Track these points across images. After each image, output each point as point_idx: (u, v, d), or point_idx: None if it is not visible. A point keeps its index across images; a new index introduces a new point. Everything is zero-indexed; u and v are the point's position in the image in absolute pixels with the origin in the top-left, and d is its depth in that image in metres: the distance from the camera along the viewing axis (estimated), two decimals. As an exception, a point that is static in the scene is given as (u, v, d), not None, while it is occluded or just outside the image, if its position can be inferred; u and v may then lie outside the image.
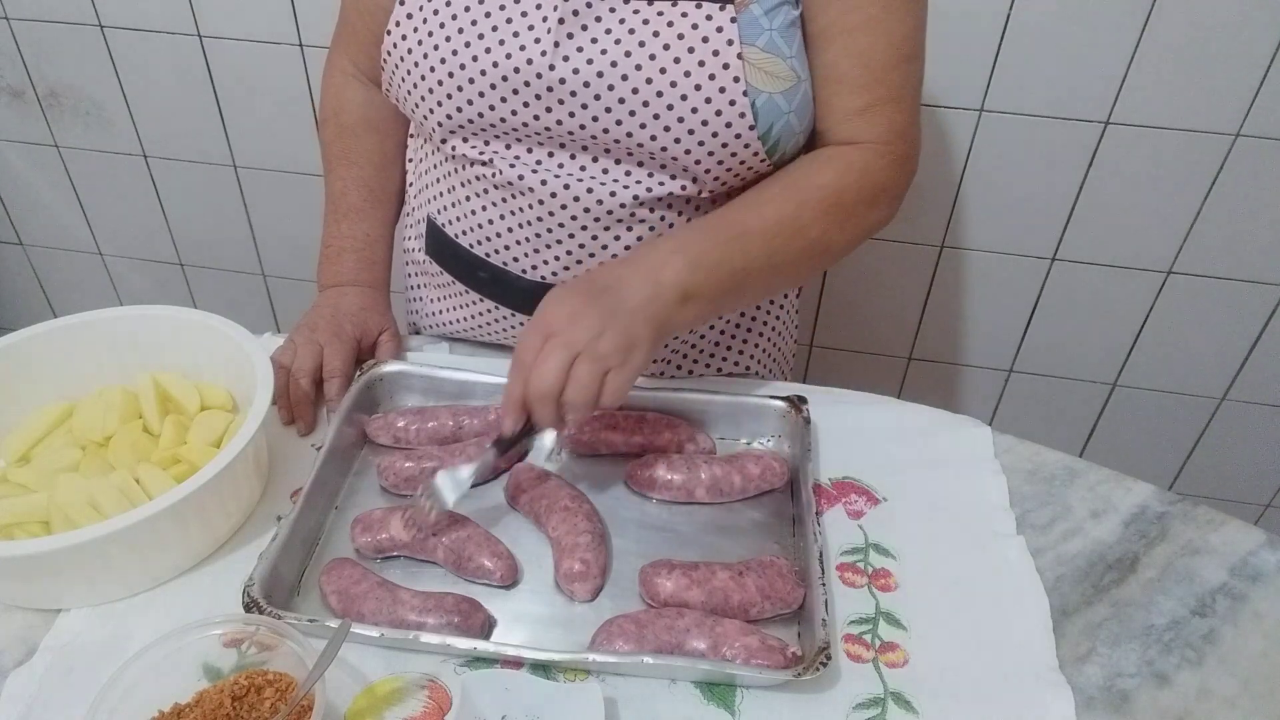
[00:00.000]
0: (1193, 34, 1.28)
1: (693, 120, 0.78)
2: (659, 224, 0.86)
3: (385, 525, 0.77)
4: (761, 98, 0.77)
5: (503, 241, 0.90)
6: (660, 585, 0.73)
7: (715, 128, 0.78)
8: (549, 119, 0.80)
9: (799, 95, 0.80)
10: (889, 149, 0.82)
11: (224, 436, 0.83)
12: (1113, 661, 0.72)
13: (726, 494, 0.82)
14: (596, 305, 0.72)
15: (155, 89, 1.63)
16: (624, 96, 0.78)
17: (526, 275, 0.90)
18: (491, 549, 0.76)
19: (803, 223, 0.80)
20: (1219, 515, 0.83)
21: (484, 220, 0.90)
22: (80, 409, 0.85)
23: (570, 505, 0.78)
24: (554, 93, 0.79)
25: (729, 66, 0.76)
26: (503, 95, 0.80)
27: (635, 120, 0.78)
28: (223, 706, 0.63)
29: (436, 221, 0.96)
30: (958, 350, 1.70)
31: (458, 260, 0.96)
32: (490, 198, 0.88)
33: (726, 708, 0.67)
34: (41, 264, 1.96)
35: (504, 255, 0.90)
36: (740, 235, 0.79)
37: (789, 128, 0.81)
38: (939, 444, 0.90)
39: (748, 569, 0.74)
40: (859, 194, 0.82)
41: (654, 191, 0.83)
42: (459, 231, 0.93)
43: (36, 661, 0.69)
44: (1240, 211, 1.43)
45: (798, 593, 0.74)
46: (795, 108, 0.80)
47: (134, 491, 0.76)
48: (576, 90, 0.78)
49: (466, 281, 0.96)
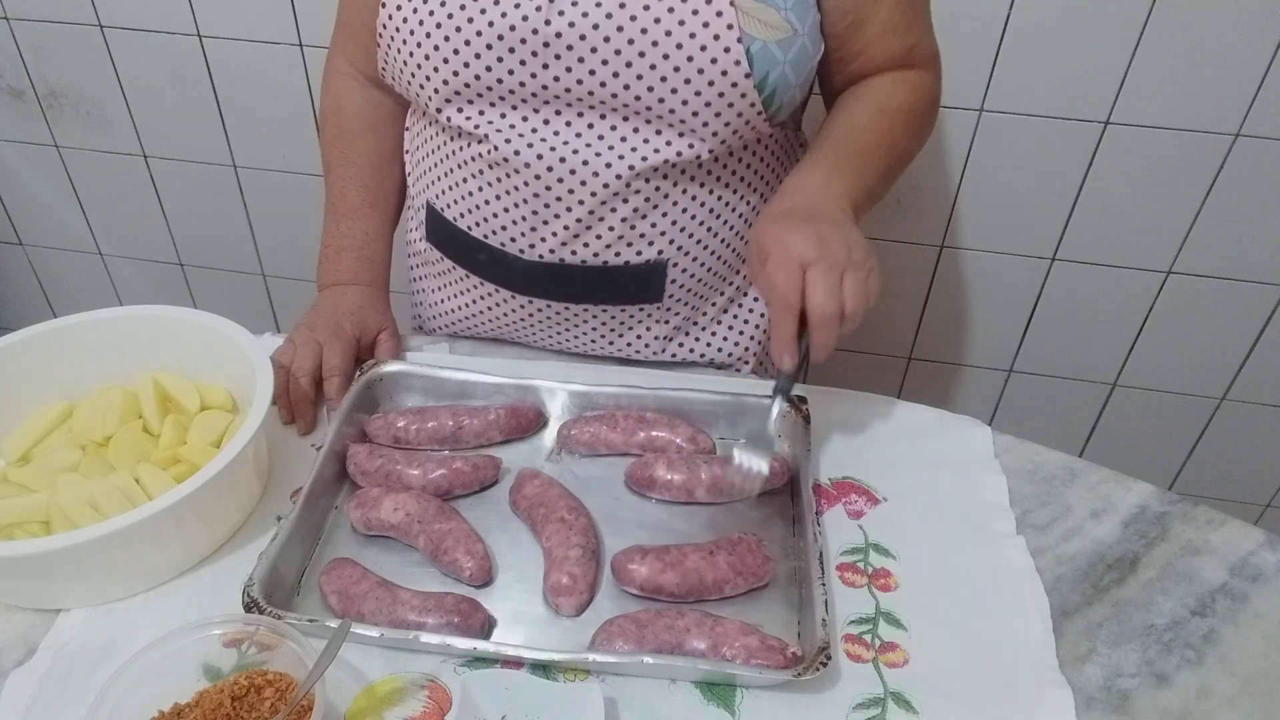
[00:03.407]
0: (1193, 34, 1.28)
1: (689, 69, 0.79)
2: (654, 195, 0.87)
3: (378, 505, 0.78)
4: (756, 44, 0.79)
5: (499, 222, 0.90)
6: (634, 572, 0.73)
7: (711, 75, 0.79)
8: (545, 76, 0.81)
9: (795, 47, 0.81)
10: (933, 66, 0.95)
11: (224, 436, 0.83)
12: (1113, 661, 0.72)
13: (727, 493, 0.82)
14: (827, 225, 0.78)
15: (155, 89, 1.63)
16: (620, 48, 0.78)
17: (524, 255, 0.91)
18: (468, 547, 0.76)
19: (894, 137, 0.90)
20: (1219, 515, 0.83)
21: (481, 201, 0.90)
22: (80, 409, 0.85)
23: (566, 517, 0.78)
24: (550, 48, 0.79)
25: (721, 14, 0.77)
26: (499, 55, 0.81)
27: (632, 71, 0.79)
28: (223, 706, 0.63)
29: (435, 206, 0.97)
30: (958, 350, 1.70)
31: (457, 244, 0.97)
32: (487, 177, 0.88)
33: (726, 708, 0.67)
34: (41, 264, 1.96)
35: (502, 236, 0.91)
36: (859, 153, 0.87)
37: (784, 79, 0.82)
38: (939, 444, 0.90)
39: (718, 547, 0.75)
40: (926, 107, 0.94)
41: (649, 160, 0.84)
42: (457, 214, 0.94)
43: (36, 661, 0.69)
44: (1240, 211, 1.43)
45: (768, 566, 0.75)
46: (791, 59, 0.81)
47: (134, 491, 0.76)
48: (573, 44, 0.79)
49: (466, 265, 0.97)
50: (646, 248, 0.90)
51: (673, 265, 0.92)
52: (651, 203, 0.87)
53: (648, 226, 0.89)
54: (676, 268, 0.93)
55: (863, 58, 0.90)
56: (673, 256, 0.92)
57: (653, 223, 0.89)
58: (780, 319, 0.76)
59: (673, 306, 0.96)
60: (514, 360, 0.98)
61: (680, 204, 0.89)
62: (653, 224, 0.89)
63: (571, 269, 0.91)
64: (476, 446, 0.88)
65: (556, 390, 0.90)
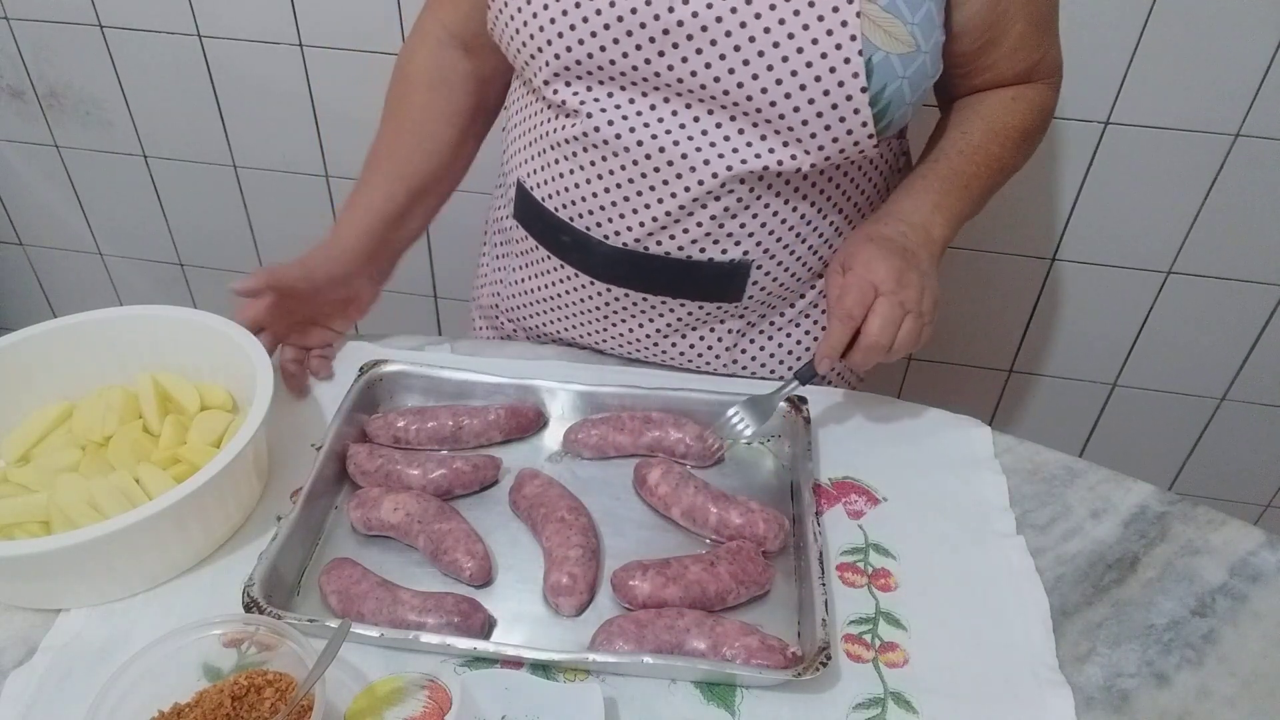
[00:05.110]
0: (1193, 34, 1.28)
1: (806, 75, 0.77)
2: (748, 196, 0.85)
3: (378, 505, 0.78)
4: (878, 55, 0.77)
5: (587, 205, 0.90)
6: (636, 589, 0.73)
7: (827, 84, 0.77)
8: (660, 64, 0.80)
9: (916, 64, 0.79)
10: (1056, 80, 0.95)
11: (224, 436, 0.83)
12: (1113, 661, 0.72)
13: (700, 525, 0.80)
14: (913, 268, 0.83)
15: (155, 89, 1.63)
16: (739, 44, 0.77)
17: (608, 241, 0.90)
18: (468, 547, 0.76)
19: (1004, 161, 0.92)
20: (1219, 515, 0.83)
21: (570, 184, 0.90)
22: (80, 409, 0.85)
23: (567, 517, 0.77)
24: (669, 35, 0.78)
25: (846, 23, 0.76)
26: (615, 36, 0.79)
27: (748, 70, 0.78)
28: (223, 706, 0.63)
29: (525, 185, 0.96)
30: (958, 350, 1.70)
31: (543, 224, 0.96)
32: (580, 159, 0.88)
33: (726, 708, 0.67)
34: (41, 264, 1.96)
35: (588, 220, 0.91)
36: (967, 184, 0.90)
37: (900, 95, 0.80)
38: (939, 444, 0.90)
39: (718, 558, 0.75)
40: (1040, 126, 0.95)
41: (748, 163, 0.82)
42: (546, 194, 0.93)
43: (36, 661, 0.69)
44: (1240, 211, 1.43)
45: (769, 573, 0.75)
46: (910, 75, 0.79)
47: (134, 492, 0.76)
48: (693, 34, 0.78)
49: (550, 246, 0.97)
50: (732, 247, 0.89)
51: (756, 267, 0.91)
52: (744, 204, 0.86)
53: (736, 226, 0.87)
54: (760, 270, 0.91)
55: (990, 73, 0.90)
56: (757, 259, 0.90)
57: (741, 223, 0.87)
58: (836, 328, 0.82)
59: (750, 306, 0.95)
60: (514, 360, 0.98)
61: (772, 207, 0.87)
62: (741, 224, 0.87)
63: (654, 259, 0.90)
64: (476, 446, 0.88)
65: (557, 390, 0.90)
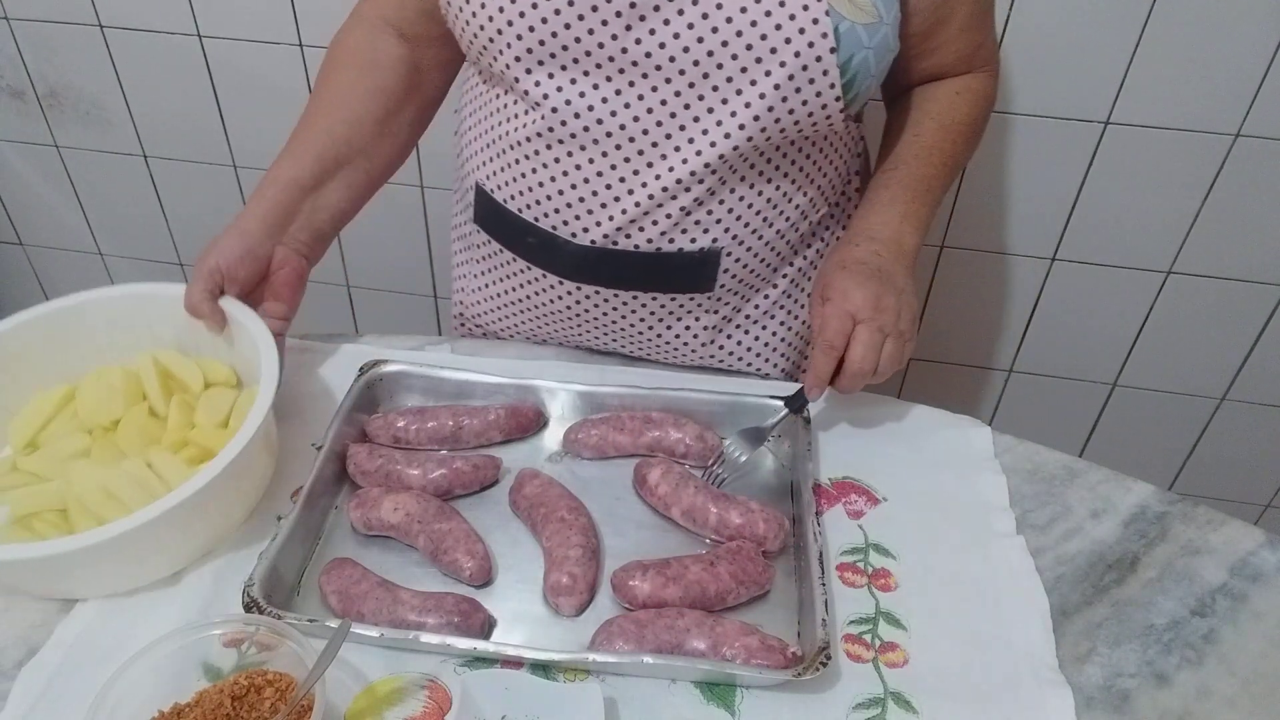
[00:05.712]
0: (1193, 34, 1.28)
1: (776, 37, 0.77)
2: (715, 183, 0.85)
3: (378, 505, 0.78)
4: (844, 24, 0.77)
5: (553, 205, 0.89)
6: (636, 589, 0.73)
7: (798, 46, 0.77)
8: (628, 38, 0.79)
9: (879, 35, 0.80)
10: (994, 65, 0.97)
11: (230, 414, 0.83)
12: (1113, 661, 0.72)
13: (700, 525, 0.80)
14: (888, 289, 0.85)
15: (155, 89, 1.63)
16: (707, 10, 0.77)
17: (576, 239, 0.90)
18: (468, 547, 0.76)
19: (957, 157, 0.94)
20: (1219, 515, 0.83)
21: (534, 183, 0.89)
22: (82, 391, 0.84)
23: (566, 517, 0.77)
24: (636, 8, 0.77)
25: None
26: (580, 12, 0.78)
27: (717, 37, 0.77)
28: (223, 706, 0.63)
29: (485, 187, 0.95)
30: (958, 350, 1.70)
31: (506, 227, 0.95)
32: (543, 158, 0.87)
33: (726, 708, 0.67)
34: (41, 264, 1.96)
35: (554, 219, 0.90)
36: (929, 187, 0.92)
37: (866, 66, 0.80)
38: (939, 444, 0.90)
39: (718, 558, 0.75)
40: (984, 117, 0.97)
41: (718, 146, 0.82)
42: (508, 196, 0.92)
43: (39, 660, 0.69)
44: (1240, 211, 1.43)
45: (769, 573, 0.75)
46: (875, 46, 0.80)
47: (149, 480, 0.76)
48: (660, 3, 0.77)
49: (515, 249, 0.96)
50: (701, 235, 0.88)
51: (726, 254, 0.91)
52: (712, 192, 0.86)
53: (704, 214, 0.87)
54: (730, 257, 0.91)
55: (936, 55, 0.91)
56: (727, 245, 0.90)
57: (709, 210, 0.87)
58: (819, 359, 0.84)
59: (723, 296, 0.95)
60: (514, 360, 0.98)
61: (739, 192, 0.87)
62: (709, 211, 0.87)
63: (622, 255, 0.89)
64: (476, 446, 0.88)
65: (557, 390, 0.90)
